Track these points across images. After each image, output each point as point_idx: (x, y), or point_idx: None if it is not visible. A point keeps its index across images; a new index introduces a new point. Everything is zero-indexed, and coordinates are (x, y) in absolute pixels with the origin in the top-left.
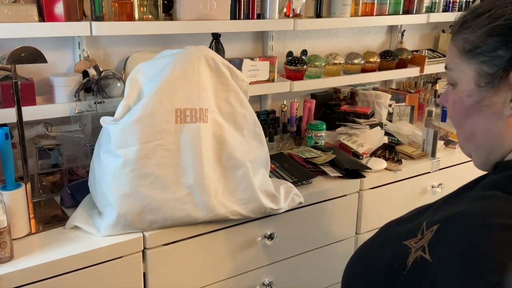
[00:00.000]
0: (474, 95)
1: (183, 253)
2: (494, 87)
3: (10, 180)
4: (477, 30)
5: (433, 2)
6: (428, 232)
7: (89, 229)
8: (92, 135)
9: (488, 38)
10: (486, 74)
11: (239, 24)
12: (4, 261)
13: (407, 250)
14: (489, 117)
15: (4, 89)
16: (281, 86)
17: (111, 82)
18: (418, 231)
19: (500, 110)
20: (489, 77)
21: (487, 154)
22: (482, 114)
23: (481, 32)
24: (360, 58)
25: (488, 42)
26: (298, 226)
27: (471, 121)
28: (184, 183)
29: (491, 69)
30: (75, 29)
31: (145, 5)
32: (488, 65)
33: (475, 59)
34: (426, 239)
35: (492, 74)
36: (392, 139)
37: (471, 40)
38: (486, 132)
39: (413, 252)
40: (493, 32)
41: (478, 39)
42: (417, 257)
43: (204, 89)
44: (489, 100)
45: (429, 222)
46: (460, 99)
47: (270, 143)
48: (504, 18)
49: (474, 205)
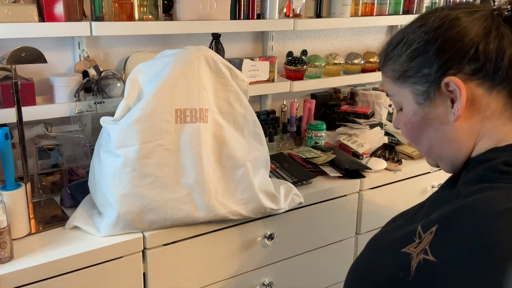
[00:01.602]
0: (418, 112)
1: (183, 253)
2: (432, 101)
3: (10, 180)
4: (399, 58)
5: (433, 2)
6: (427, 235)
7: (89, 229)
8: (92, 135)
9: (410, 62)
10: (421, 92)
11: (239, 24)
12: (4, 261)
13: (408, 256)
14: (439, 127)
15: (4, 89)
16: (281, 86)
17: (111, 82)
18: (414, 236)
19: (445, 119)
20: (425, 93)
21: (452, 159)
22: (432, 127)
23: (403, 59)
24: (360, 58)
25: (412, 65)
26: (298, 226)
27: (425, 136)
28: (184, 183)
29: (423, 87)
30: (75, 29)
31: (145, 5)
32: (419, 84)
33: (406, 82)
34: (427, 242)
35: (426, 90)
36: (392, 139)
37: (397, 68)
38: (442, 141)
39: (415, 257)
40: (413, 56)
41: (403, 65)
42: (420, 261)
43: (204, 89)
44: (432, 113)
45: (424, 225)
46: (408, 119)
47: (270, 143)
48: (417, 42)
49: (471, 200)
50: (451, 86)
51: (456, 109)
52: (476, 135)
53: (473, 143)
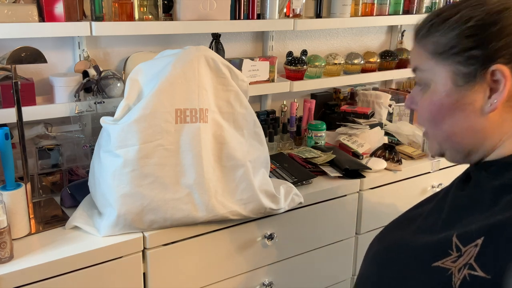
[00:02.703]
0: (453, 94)
1: (183, 253)
2: (473, 85)
3: (10, 180)
4: (449, 32)
5: (433, 2)
6: (470, 248)
7: (89, 229)
8: (92, 135)
9: (462, 39)
10: (462, 73)
11: (239, 24)
12: (4, 261)
13: (445, 272)
14: (470, 114)
15: (4, 89)
16: (281, 86)
17: (111, 82)
18: (450, 249)
19: (479, 107)
20: (466, 76)
21: (469, 151)
22: (462, 113)
23: (454, 34)
24: (360, 58)
25: (462, 43)
26: (298, 226)
27: (451, 120)
28: (184, 183)
29: (468, 69)
30: (75, 29)
31: (145, 5)
32: (464, 64)
33: (448, 60)
34: (471, 255)
35: (469, 73)
36: (392, 139)
37: (443, 42)
38: (467, 130)
39: (456, 272)
40: (466, 33)
41: (452, 40)
42: (466, 277)
43: (204, 89)
44: (468, 98)
45: (462, 236)
46: (439, 100)
47: (270, 143)
48: (475, 19)
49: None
50: (497, 75)
51: (494, 100)
52: (505, 132)
53: (499, 140)
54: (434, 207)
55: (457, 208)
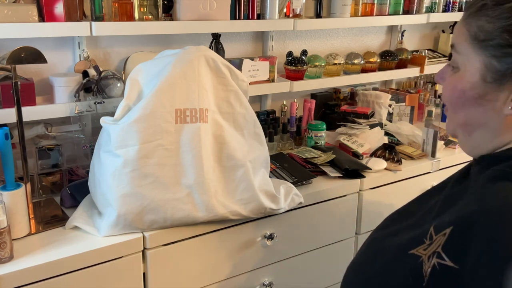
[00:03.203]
0: (478, 88)
1: (183, 253)
2: (499, 84)
3: (10, 180)
4: (495, 21)
5: (433, 2)
6: (439, 236)
7: (89, 229)
8: (92, 135)
9: (504, 33)
10: (494, 69)
11: (239, 24)
12: (4, 261)
13: (417, 259)
14: (488, 112)
15: (4, 89)
16: (281, 86)
17: (111, 82)
18: (425, 237)
19: (500, 107)
20: (497, 73)
21: (476, 145)
22: (481, 108)
23: (499, 24)
24: (360, 58)
25: (503, 37)
26: (298, 226)
27: (467, 111)
28: (184, 183)
29: (501, 66)
30: (75, 29)
31: (145, 5)
32: (498, 60)
33: (486, 50)
34: (438, 244)
35: (501, 71)
36: (392, 139)
37: (486, 30)
38: (480, 125)
39: (426, 260)
40: (511, 28)
41: (494, 31)
42: (435, 265)
43: (204, 89)
44: (492, 95)
45: (437, 226)
46: (462, 89)
47: (270, 143)
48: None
49: (491, 202)
50: None
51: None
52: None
53: (509, 141)
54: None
55: (447, 201)
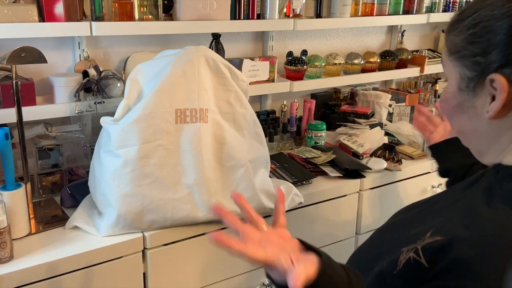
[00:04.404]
0: (457, 96)
1: (183, 253)
2: (472, 91)
3: (10, 180)
4: (461, 34)
5: (433, 2)
6: (427, 238)
7: (89, 229)
8: (92, 135)
9: (468, 44)
10: (466, 78)
11: (239, 24)
12: (4, 261)
13: (400, 252)
14: (472, 118)
15: (4, 89)
16: (281, 86)
17: (111, 82)
18: (419, 239)
19: (480, 113)
20: (469, 80)
21: (479, 151)
22: (465, 115)
23: (463, 36)
24: (360, 58)
25: (468, 48)
26: (298, 226)
27: (457, 120)
28: (184, 183)
29: (471, 74)
30: (75, 29)
31: (145, 5)
32: (469, 69)
33: (459, 61)
34: (422, 243)
35: (471, 78)
36: (392, 139)
37: (456, 43)
38: (472, 132)
39: (404, 252)
40: (471, 38)
41: (461, 43)
42: (410, 258)
43: (204, 89)
44: (470, 102)
45: (433, 233)
46: (446, 99)
47: (270, 143)
48: (482, 24)
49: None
50: (496, 84)
51: (491, 108)
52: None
53: (508, 144)
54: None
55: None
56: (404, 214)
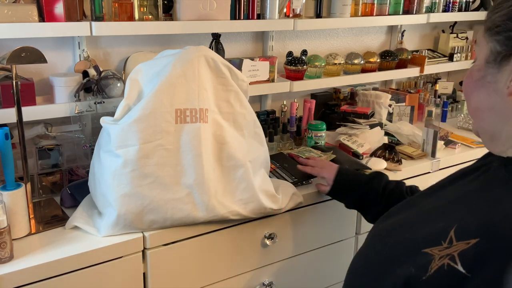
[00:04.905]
0: (481, 70)
1: (183, 253)
2: (498, 65)
3: (10, 180)
4: (501, 11)
5: (433, 2)
6: (460, 244)
7: (89, 229)
8: (92, 135)
9: (506, 19)
10: (496, 51)
11: (239, 24)
12: (4, 261)
13: (428, 257)
14: (491, 93)
15: (4, 89)
16: (281, 86)
17: (111, 82)
18: (444, 240)
19: (501, 89)
20: (497, 54)
21: (492, 133)
22: (485, 90)
23: (504, 12)
24: (360, 58)
25: (506, 23)
26: (298, 226)
27: (477, 95)
28: (184, 183)
29: (501, 48)
30: (75, 29)
31: (145, 5)
32: (500, 44)
33: (492, 37)
34: (457, 249)
35: (499, 52)
36: (392, 139)
37: (494, 19)
38: (489, 109)
39: (437, 259)
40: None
41: (499, 19)
42: (443, 265)
43: (204, 89)
44: (492, 76)
45: (459, 231)
46: (471, 73)
47: (270, 143)
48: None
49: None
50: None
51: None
52: None
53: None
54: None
55: (467, 198)
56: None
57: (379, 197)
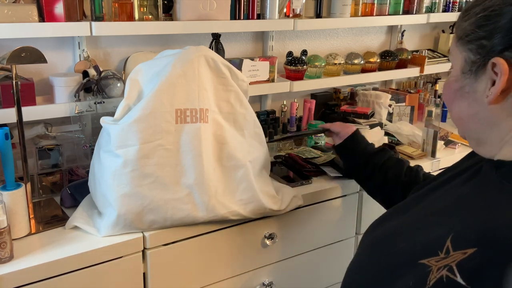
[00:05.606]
0: (459, 80)
1: (183, 253)
2: (474, 75)
3: (10, 180)
4: (471, 18)
5: (433, 2)
6: (457, 253)
7: (89, 229)
8: (92, 135)
9: (476, 28)
10: (470, 61)
11: (239, 24)
12: (4, 261)
13: (425, 269)
14: (472, 103)
15: (4, 89)
16: (281, 86)
17: (111, 82)
18: (440, 250)
19: (480, 98)
20: (472, 64)
21: (477, 139)
22: (465, 100)
23: (473, 20)
24: (360, 58)
25: (475, 31)
26: (298, 226)
27: (457, 105)
28: (184, 183)
29: (475, 57)
30: (75, 29)
31: (145, 5)
32: (473, 53)
33: (465, 46)
34: (454, 259)
35: (474, 61)
36: (392, 139)
37: (465, 27)
38: (471, 117)
39: (435, 270)
40: (480, 22)
41: (469, 27)
42: (442, 277)
43: (204, 89)
44: (470, 87)
45: (456, 240)
46: (448, 84)
47: (270, 143)
48: (491, 9)
49: None
50: (497, 68)
51: (491, 92)
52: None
53: (507, 133)
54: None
55: (461, 203)
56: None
57: (377, 171)
